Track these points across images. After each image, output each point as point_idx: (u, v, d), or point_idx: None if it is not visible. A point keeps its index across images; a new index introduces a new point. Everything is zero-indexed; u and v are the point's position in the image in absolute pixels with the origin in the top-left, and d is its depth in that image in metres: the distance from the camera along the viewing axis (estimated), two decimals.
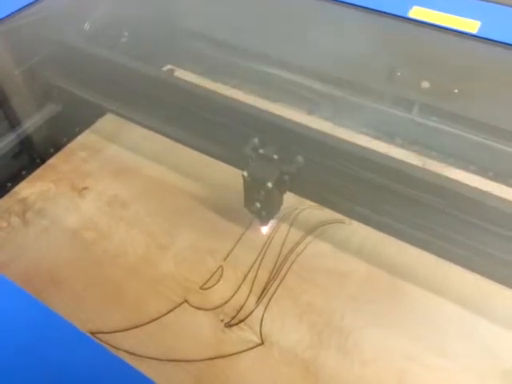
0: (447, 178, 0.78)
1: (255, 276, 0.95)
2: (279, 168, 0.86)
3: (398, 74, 1.22)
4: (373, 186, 0.84)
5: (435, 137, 1.22)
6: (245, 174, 0.86)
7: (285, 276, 0.95)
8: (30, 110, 1.22)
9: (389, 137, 1.27)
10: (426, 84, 1.20)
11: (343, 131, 1.28)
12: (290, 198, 1.00)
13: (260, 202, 0.90)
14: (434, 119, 1.22)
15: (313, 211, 1.06)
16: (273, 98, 1.37)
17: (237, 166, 0.95)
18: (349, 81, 1.29)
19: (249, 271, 0.96)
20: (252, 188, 0.88)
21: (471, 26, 1.03)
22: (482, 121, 1.17)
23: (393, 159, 0.82)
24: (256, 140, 0.90)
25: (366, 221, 0.94)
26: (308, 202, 1.06)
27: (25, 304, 0.65)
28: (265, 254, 0.99)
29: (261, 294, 0.92)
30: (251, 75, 1.41)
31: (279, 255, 0.99)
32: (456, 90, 1.17)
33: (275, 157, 0.86)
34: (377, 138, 1.26)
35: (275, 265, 0.97)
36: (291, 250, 0.99)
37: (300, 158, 0.88)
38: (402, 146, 1.25)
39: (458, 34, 1.04)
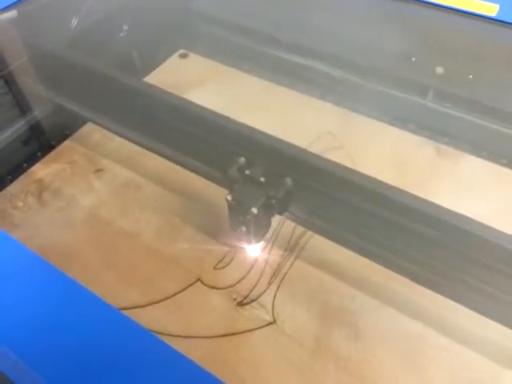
0: (443, 209, 0.69)
1: (267, 257, 0.96)
2: (266, 192, 0.79)
3: (413, 59, 1.22)
4: (367, 215, 0.77)
5: (449, 123, 1.22)
6: (228, 197, 0.80)
7: (297, 257, 0.97)
8: (42, 93, 1.23)
9: (401, 122, 1.26)
10: (440, 69, 1.20)
11: (355, 116, 1.28)
12: None
13: (246, 226, 0.83)
14: (448, 105, 1.22)
15: None
16: (285, 83, 1.37)
17: (223, 186, 0.91)
18: (362, 65, 1.28)
19: (261, 252, 0.97)
20: (237, 211, 0.82)
21: (489, 8, 1.02)
22: (497, 107, 1.16)
23: (390, 187, 0.72)
24: (242, 160, 0.83)
25: (359, 251, 0.85)
26: None
27: (30, 262, 0.65)
28: (277, 235, 1.00)
29: (273, 274, 0.94)
30: (264, 59, 1.41)
31: (291, 237, 1.00)
32: (471, 76, 1.16)
33: (262, 179, 0.79)
34: (389, 123, 1.26)
35: (288, 246, 0.98)
36: (304, 232, 1.00)
37: (289, 181, 0.81)
38: (414, 132, 1.24)
39: (476, 17, 1.03)
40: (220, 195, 1.08)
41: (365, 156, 1.18)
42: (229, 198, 0.80)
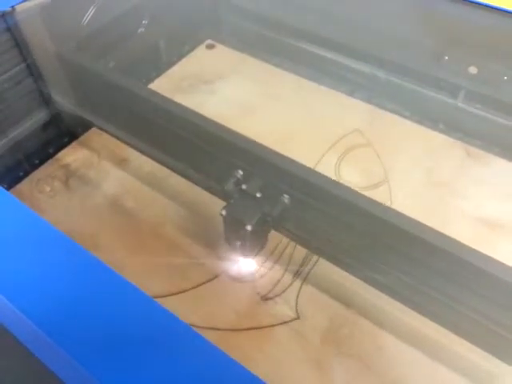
0: (446, 238, 0.66)
1: (292, 252, 0.96)
2: (261, 208, 0.77)
3: (446, 57, 1.19)
4: (365, 237, 0.74)
5: (480, 124, 1.19)
6: (223, 213, 0.77)
7: None
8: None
9: (431, 122, 1.24)
10: (473, 69, 1.17)
11: (384, 114, 1.27)
12: None
13: (241, 241, 0.81)
14: (480, 106, 1.19)
15: None
16: (314, 78, 1.36)
17: (221, 197, 0.89)
18: (393, 62, 1.26)
19: (286, 247, 0.96)
20: (232, 227, 0.80)
21: None
22: None
23: (393, 212, 0.69)
24: (240, 173, 0.81)
25: (357, 274, 0.84)
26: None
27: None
28: None
29: (297, 270, 0.93)
30: (293, 53, 1.39)
31: None
32: (506, 77, 1.13)
33: (258, 195, 0.77)
34: (419, 122, 1.24)
35: None
36: None
37: (285, 198, 0.78)
38: (444, 132, 1.22)
39: None
40: None
41: (392, 155, 1.16)
42: (223, 212, 0.77)
